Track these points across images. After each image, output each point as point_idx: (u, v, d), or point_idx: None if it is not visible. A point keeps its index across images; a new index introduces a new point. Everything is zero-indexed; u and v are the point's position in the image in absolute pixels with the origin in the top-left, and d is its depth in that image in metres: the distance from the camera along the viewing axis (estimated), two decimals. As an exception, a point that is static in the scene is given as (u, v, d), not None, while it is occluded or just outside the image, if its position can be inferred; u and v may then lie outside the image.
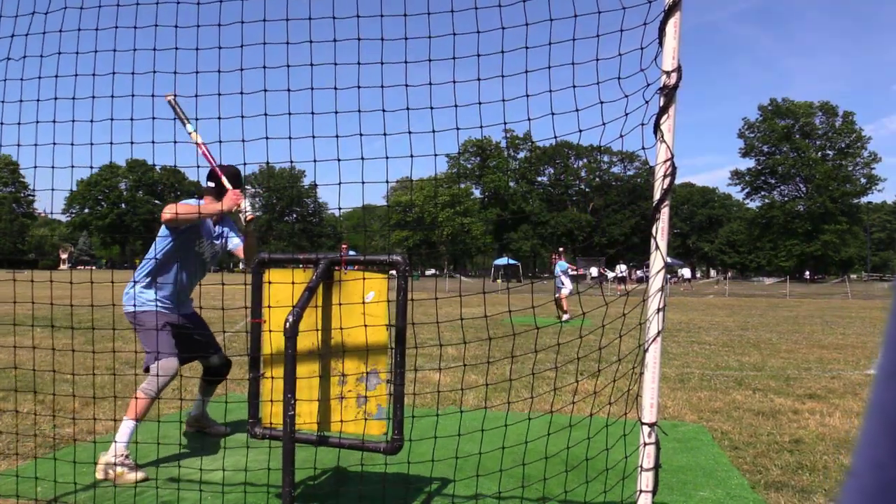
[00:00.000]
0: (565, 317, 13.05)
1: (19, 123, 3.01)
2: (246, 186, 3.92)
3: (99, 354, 6.15)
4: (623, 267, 32.43)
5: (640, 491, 2.47)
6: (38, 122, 3.00)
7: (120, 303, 3.44)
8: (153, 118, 2.87)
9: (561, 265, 14.24)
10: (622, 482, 3.06)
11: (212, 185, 3.75)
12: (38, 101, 2.94)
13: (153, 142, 2.86)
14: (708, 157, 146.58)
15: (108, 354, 6.52)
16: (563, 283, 13.89)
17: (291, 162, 2.79)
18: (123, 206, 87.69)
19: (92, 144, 2.96)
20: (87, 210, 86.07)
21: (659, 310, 2.43)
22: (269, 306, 2.90)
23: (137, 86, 2.86)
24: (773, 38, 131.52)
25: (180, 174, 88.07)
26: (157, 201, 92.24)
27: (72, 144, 2.93)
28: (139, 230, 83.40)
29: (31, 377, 5.34)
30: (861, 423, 0.38)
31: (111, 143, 2.90)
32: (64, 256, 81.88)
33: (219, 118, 2.79)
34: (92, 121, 2.91)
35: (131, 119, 2.85)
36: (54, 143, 2.97)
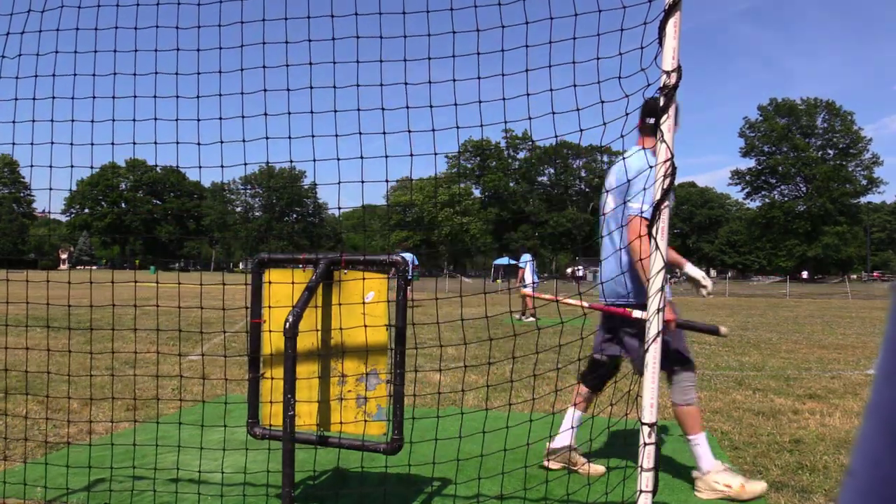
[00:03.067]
0: (529, 318, 13.01)
1: (13, 121, 3.00)
2: (247, 187, 3.88)
3: (97, 355, 6.15)
4: None
5: (640, 491, 2.47)
6: (36, 120, 3.00)
7: (109, 302, 3.42)
8: (155, 119, 2.86)
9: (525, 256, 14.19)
10: (623, 483, 3.06)
11: (652, 120, 3.24)
12: (34, 99, 2.93)
13: (155, 143, 2.86)
14: (709, 157, 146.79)
15: (107, 355, 6.52)
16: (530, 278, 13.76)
17: (291, 161, 2.79)
18: (124, 205, 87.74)
19: (93, 144, 2.94)
20: (86, 210, 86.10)
21: (658, 310, 2.42)
22: (269, 306, 2.90)
23: (139, 86, 2.86)
24: (775, 38, 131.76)
25: (181, 174, 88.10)
26: (156, 201, 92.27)
27: (71, 144, 2.93)
28: (139, 230, 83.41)
29: (28, 378, 5.34)
30: (860, 423, 0.38)
31: (113, 144, 2.90)
32: (64, 256, 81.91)
33: (220, 119, 2.80)
34: (93, 121, 2.90)
35: (133, 120, 2.85)
36: (56, 143, 2.96)
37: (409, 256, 14.70)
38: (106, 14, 2.83)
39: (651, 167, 3.02)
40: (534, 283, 13.76)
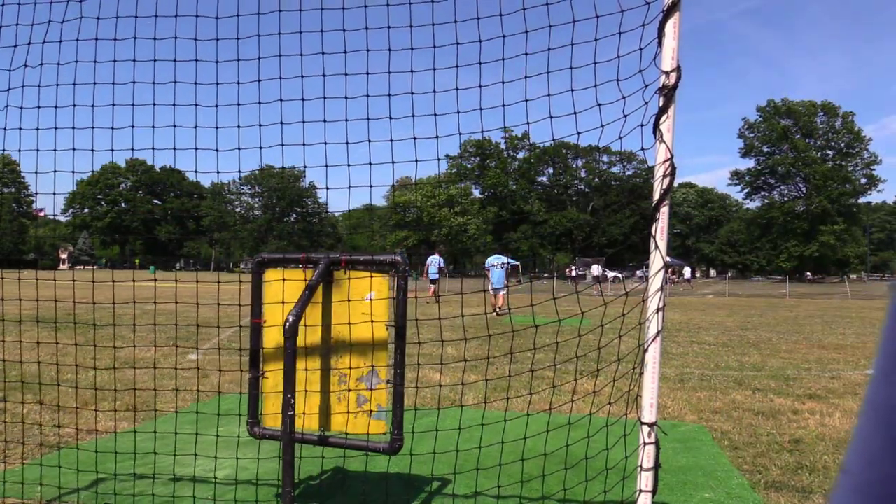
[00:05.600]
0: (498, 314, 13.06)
1: (38, 128, 3.07)
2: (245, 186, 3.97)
3: (98, 355, 6.15)
4: (598, 267, 32.95)
5: (640, 491, 2.47)
6: (55, 128, 3.07)
7: (109, 301, 3.43)
8: (174, 126, 2.94)
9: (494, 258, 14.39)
10: (623, 482, 3.06)
11: None
12: (56, 107, 3.01)
13: (174, 148, 2.94)
14: (710, 157, 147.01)
15: (107, 355, 6.52)
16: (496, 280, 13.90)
17: (304, 166, 2.90)
18: (123, 205, 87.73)
19: (113, 150, 3.04)
20: (86, 210, 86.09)
21: (658, 310, 2.43)
22: (281, 302, 2.91)
23: (158, 95, 2.96)
24: (775, 38, 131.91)
25: (180, 174, 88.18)
26: (156, 201, 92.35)
27: (92, 150, 3.03)
28: (139, 230, 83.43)
29: (28, 377, 5.34)
30: (856, 421, 0.38)
31: (132, 149, 3.00)
32: (63, 256, 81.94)
33: (238, 126, 2.92)
34: (112, 127, 3.02)
35: (152, 126, 2.93)
36: (74, 150, 3.04)
37: (436, 259, 15.96)
38: (124, 25, 2.91)
39: None
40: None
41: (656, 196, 2.44)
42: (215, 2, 2.82)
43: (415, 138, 2.70)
